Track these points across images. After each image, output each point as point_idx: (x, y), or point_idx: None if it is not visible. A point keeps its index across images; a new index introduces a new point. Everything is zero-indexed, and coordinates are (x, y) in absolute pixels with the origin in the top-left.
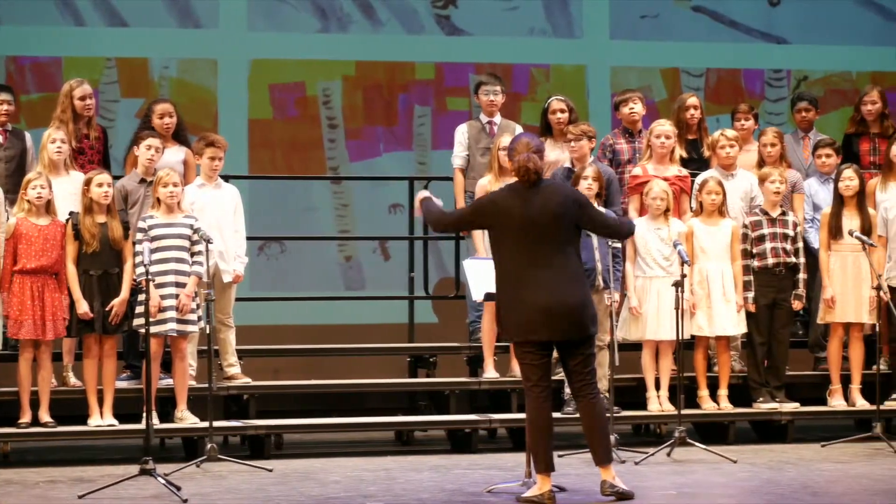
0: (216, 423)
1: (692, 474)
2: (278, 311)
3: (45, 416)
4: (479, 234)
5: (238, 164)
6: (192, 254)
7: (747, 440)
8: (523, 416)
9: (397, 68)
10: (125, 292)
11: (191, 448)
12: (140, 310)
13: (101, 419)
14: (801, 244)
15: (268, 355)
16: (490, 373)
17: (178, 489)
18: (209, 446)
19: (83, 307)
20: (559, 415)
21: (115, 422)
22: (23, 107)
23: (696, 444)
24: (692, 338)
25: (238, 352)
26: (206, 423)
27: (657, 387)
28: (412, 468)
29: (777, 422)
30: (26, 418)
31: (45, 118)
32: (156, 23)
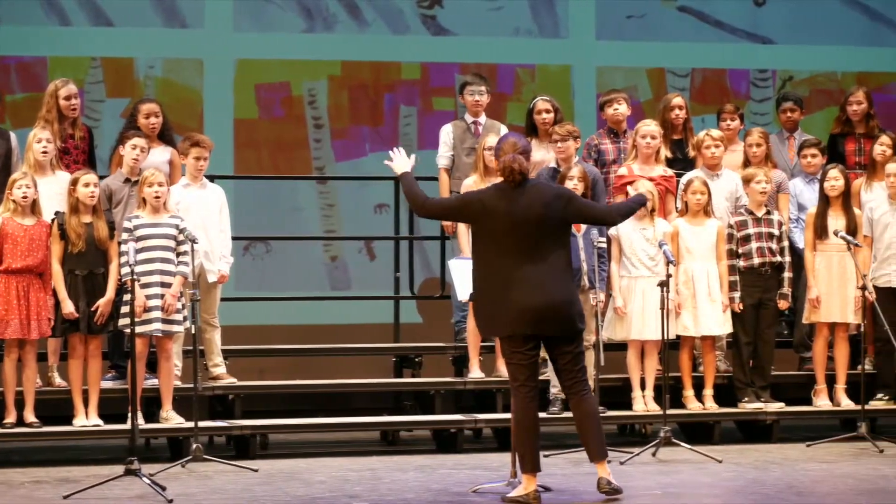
0: (201, 424)
1: (677, 474)
2: (264, 311)
3: (30, 416)
4: (464, 233)
5: (224, 164)
6: (178, 254)
7: (732, 440)
8: (508, 416)
9: (383, 68)
10: (110, 292)
11: (176, 448)
12: (125, 310)
13: (87, 419)
14: (786, 243)
15: (253, 355)
16: (475, 373)
17: (163, 489)
18: (194, 446)
19: (68, 307)
20: (545, 415)
21: (100, 422)
22: (8, 107)
23: (682, 444)
24: (677, 338)
25: (223, 352)
26: (191, 424)
27: (642, 387)
28: (397, 468)
29: (762, 422)
30: (11, 418)
31: (31, 118)
32: (141, 22)
